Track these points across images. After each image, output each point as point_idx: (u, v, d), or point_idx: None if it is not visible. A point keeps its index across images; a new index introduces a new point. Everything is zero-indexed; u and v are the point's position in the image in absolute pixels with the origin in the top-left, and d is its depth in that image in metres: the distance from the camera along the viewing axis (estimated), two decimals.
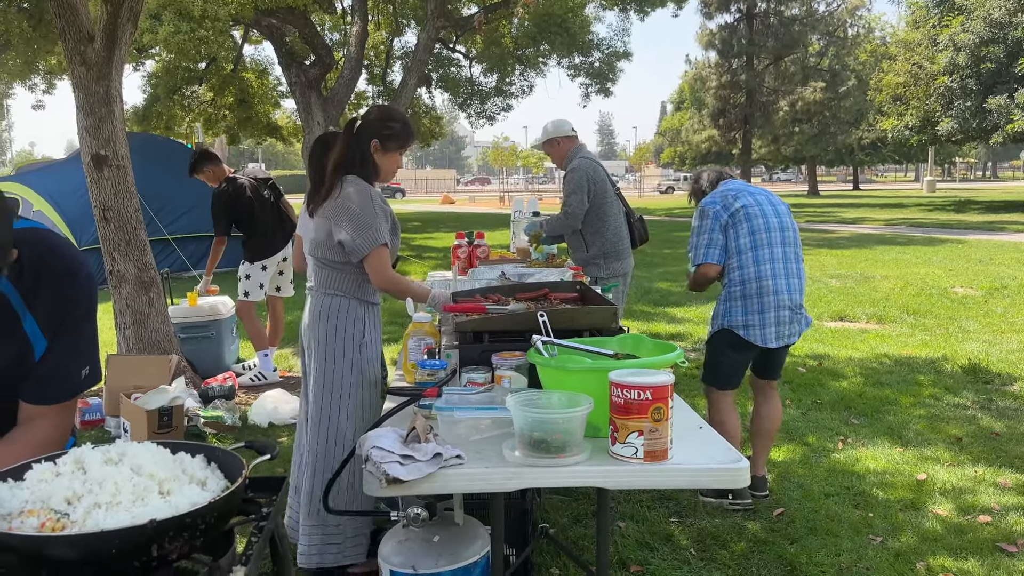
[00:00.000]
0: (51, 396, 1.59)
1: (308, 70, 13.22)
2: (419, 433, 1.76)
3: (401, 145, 2.89)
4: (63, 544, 1.12)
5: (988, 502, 3.63)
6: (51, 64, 16.47)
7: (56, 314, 1.56)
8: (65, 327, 1.58)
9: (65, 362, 1.59)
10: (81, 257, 1.63)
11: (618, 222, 4.63)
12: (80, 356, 1.62)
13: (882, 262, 12.63)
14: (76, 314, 1.59)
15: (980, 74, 23.75)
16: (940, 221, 21.64)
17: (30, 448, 1.52)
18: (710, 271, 3.61)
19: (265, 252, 5.82)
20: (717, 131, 39.86)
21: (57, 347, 1.58)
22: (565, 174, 4.63)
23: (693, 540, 3.31)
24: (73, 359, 1.61)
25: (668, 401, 1.67)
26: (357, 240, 2.71)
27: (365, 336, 2.86)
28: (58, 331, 1.57)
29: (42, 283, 1.55)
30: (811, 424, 4.77)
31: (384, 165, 2.89)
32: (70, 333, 1.59)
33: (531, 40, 19.37)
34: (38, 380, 1.57)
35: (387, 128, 2.86)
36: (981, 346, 6.68)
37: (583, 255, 4.59)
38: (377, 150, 2.86)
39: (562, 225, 4.59)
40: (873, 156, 46.64)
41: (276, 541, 1.46)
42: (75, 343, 1.61)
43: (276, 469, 4.03)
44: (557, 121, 4.78)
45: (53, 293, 1.56)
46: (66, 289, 1.57)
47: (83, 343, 1.63)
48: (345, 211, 2.73)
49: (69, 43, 4.98)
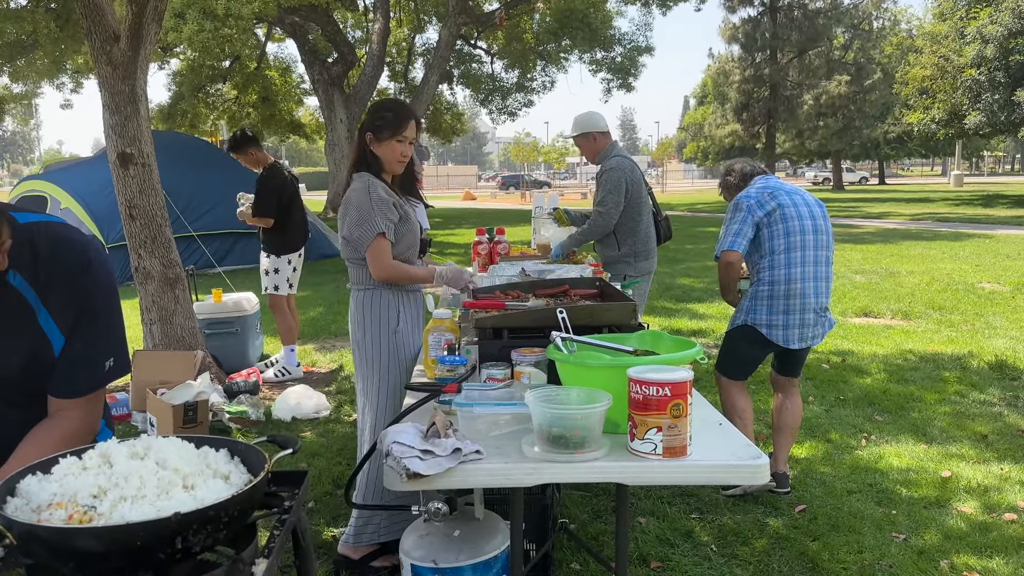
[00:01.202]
0: (75, 389, 1.61)
1: (331, 67, 13.30)
2: (439, 428, 1.78)
3: (393, 132, 2.90)
4: (90, 536, 1.14)
5: (1014, 500, 3.58)
6: (78, 63, 16.72)
7: (71, 308, 1.55)
8: (83, 321, 1.57)
9: (87, 355, 1.60)
10: (95, 249, 1.62)
11: (649, 221, 4.57)
12: (102, 349, 1.62)
13: (907, 257, 12.48)
14: (93, 307, 1.58)
15: (1008, 67, 23.34)
16: (967, 216, 21.33)
17: (59, 440, 1.55)
18: (731, 256, 3.61)
19: (293, 246, 5.92)
20: (740, 126, 39.52)
21: (77, 341, 1.58)
22: (601, 172, 4.49)
23: (714, 536, 3.30)
24: (95, 352, 1.61)
25: (687, 397, 1.66)
26: (355, 234, 2.84)
27: (400, 324, 2.94)
28: (76, 325, 1.56)
29: (55, 278, 1.54)
30: (834, 421, 4.74)
31: (383, 154, 2.93)
32: (89, 326, 1.58)
33: (552, 35, 19.34)
34: (62, 374, 1.59)
35: (378, 119, 2.93)
36: (1008, 342, 6.58)
37: (614, 253, 4.51)
38: (372, 142, 2.93)
39: (597, 228, 4.46)
40: (899, 150, 46.03)
41: (298, 534, 1.47)
42: (96, 336, 1.60)
43: (299, 463, 4.08)
44: (592, 114, 4.62)
45: (67, 288, 1.55)
46: (80, 283, 1.56)
47: (104, 336, 1.62)
48: (345, 209, 2.89)
49: (95, 43, 5.05)
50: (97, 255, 1.60)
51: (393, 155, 2.94)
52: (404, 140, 2.93)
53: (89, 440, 1.64)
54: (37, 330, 1.55)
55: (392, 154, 2.94)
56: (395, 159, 2.95)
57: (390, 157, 2.94)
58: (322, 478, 3.97)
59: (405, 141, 2.93)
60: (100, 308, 1.60)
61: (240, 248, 11.70)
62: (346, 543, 3.00)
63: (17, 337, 1.54)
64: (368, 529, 2.98)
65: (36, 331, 1.55)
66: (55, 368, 1.58)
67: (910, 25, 40.08)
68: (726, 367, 3.75)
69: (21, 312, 1.53)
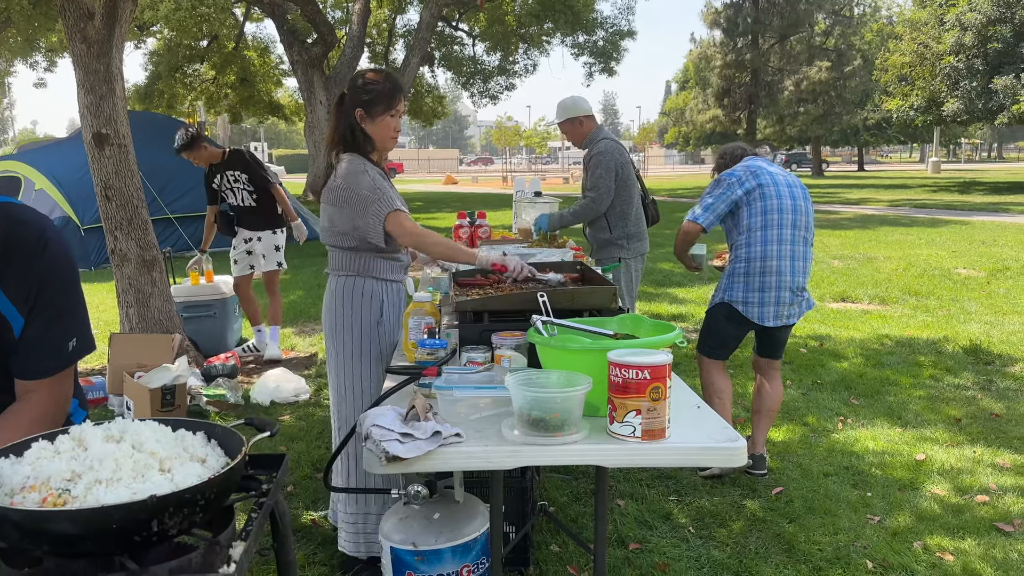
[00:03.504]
0: (40, 370, 1.59)
1: (310, 48, 13.15)
2: (419, 412, 1.77)
3: (388, 106, 2.72)
4: (64, 519, 1.13)
5: (986, 482, 3.64)
6: (52, 42, 16.42)
7: (28, 290, 1.53)
8: (41, 302, 1.54)
9: (48, 336, 1.57)
10: (52, 229, 1.58)
11: (639, 203, 4.54)
12: (64, 328, 1.59)
13: (885, 243, 12.60)
14: (51, 288, 1.55)
15: (986, 54, 23.55)
16: (944, 202, 21.55)
17: (28, 422, 1.54)
18: (691, 228, 3.67)
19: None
20: (722, 111, 39.60)
21: (37, 322, 1.55)
22: (590, 156, 4.43)
23: (692, 518, 3.33)
24: (56, 332, 1.58)
25: (666, 381, 1.67)
26: (368, 220, 2.65)
27: (383, 315, 2.80)
28: (34, 306, 1.54)
29: (11, 258, 1.51)
30: (811, 404, 4.79)
31: (375, 133, 2.75)
32: (48, 307, 1.56)
33: (534, 18, 19.23)
34: (25, 355, 1.57)
35: (367, 92, 2.70)
36: (983, 327, 6.68)
37: (606, 236, 4.47)
38: (364, 119, 2.73)
39: (588, 211, 4.42)
40: (878, 137, 46.37)
41: (276, 517, 1.47)
42: (56, 315, 1.57)
43: (278, 447, 4.07)
44: (576, 99, 4.57)
45: (23, 268, 1.52)
46: (37, 263, 1.53)
47: (65, 315, 1.60)
48: (344, 195, 2.67)
49: (69, 20, 4.96)
50: (54, 235, 1.56)
51: (387, 132, 2.77)
52: (397, 115, 2.76)
53: (60, 421, 1.63)
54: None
55: (386, 131, 2.76)
56: (388, 136, 2.78)
57: (383, 135, 2.76)
58: (301, 461, 3.96)
59: (398, 116, 2.77)
60: (59, 288, 1.57)
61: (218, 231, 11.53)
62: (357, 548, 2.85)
63: None
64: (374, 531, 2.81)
65: None
66: (19, 350, 1.57)
67: (890, 12, 40.31)
68: (706, 346, 3.78)
69: None
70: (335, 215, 2.73)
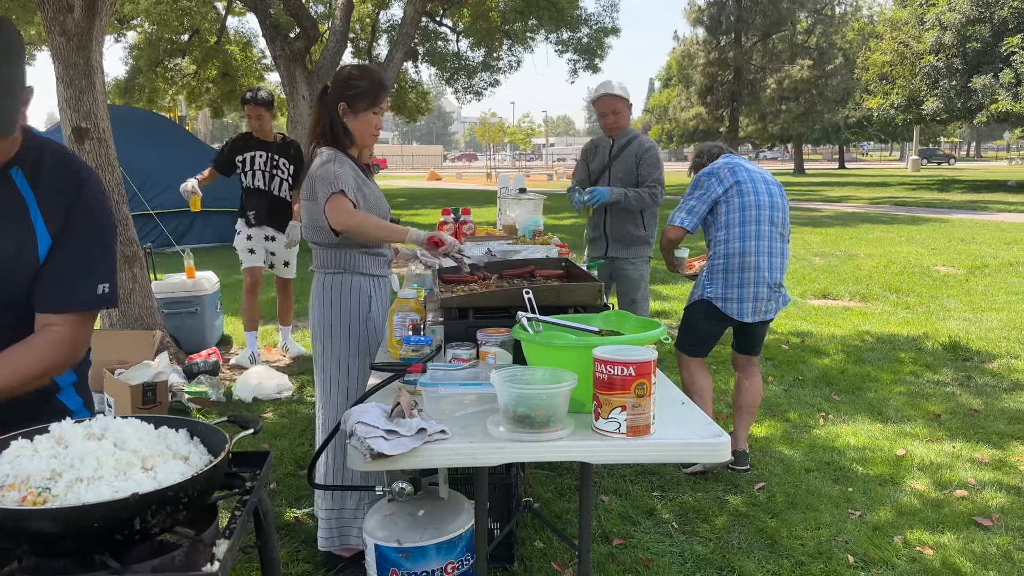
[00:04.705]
0: (67, 301, 1.57)
1: (293, 43, 13.03)
2: (403, 408, 1.77)
3: (371, 103, 2.71)
4: (45, 517, 1.12)
5: (965, 477, 3.68)
6: (31, 34, 16.21)
7: (58, 210, 1.56)
8: (70, 228, 1.57)
9: (80, 268, 1.58)
10: (96, 179, 1.64)
11: None
12: (93, 268, 1.60)
13: (866, 240, 12.71)
14: (82, 221, 1.59)
15: (965, 53, 23.79)
16: (924, 200, 21.76)
17: (46, 347, 1.52)
18: (674, 233, 3.69)
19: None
20: (704, 108, 39.80)
21: (65, 250, 1.57)
22: (645, 149, 4.33)
23: (675, 514, 3.35)
24: (86, 268, 1.59)
25: (651, 377, 1.68)
26: (317, 205, 2.62)
27: (372, 310, 2.79)
28: (63, 230, 1.56)
29: (52, 182, 1.57)
30: (793, 400, 4.82)
31: (356, 128, 2.73)
32: (77, 238, 1.58)
33: (519, 14, 19.20)
34: (52, 284, 1.56)
35: (352, 87, 2.69)
36: (962, 324, 6.75)
37: (640, 233, 4.44)
38: (346, 113, 2.71)
39: (648, 203, 4.35)
40: (859, 135, 46.77)
41: (260, 515, 1.46)
42: (86, 252, 1.60)
43: (261, 444, 4.04)
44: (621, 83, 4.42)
45: (57, 191, 1.57)
46: (71, 193, 1.58)
47: (96, 257, 1.62)
48: (308, 182, 2.68)
49: (48, 12, 4.89)
50: (96, 182, 1.63)
51: (368, 129, 2.75)
52: (380, 112, 2.75)
53: (71, 363, 1.60)
54: (27, 225, 1.55)
55: (367, 128, 2.75)
56: (369, 133, 2.77)
57: (364, 131, 2.75)
58: (284, 459, 3.94)
59: (380, 113, 2.76)
60: (91, 225, 1.60)
61: (199, 226, 11.48)
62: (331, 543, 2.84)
63: (7, 228, 1.54)
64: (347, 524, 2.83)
65: (26, 226, 1.55)
66: (46, 278, 1.56)
67: (871, 11, 40.59)
68: (685, 343, 3.79)
69: (15, 205, 1.55)
70: (312, 210, 2.70)
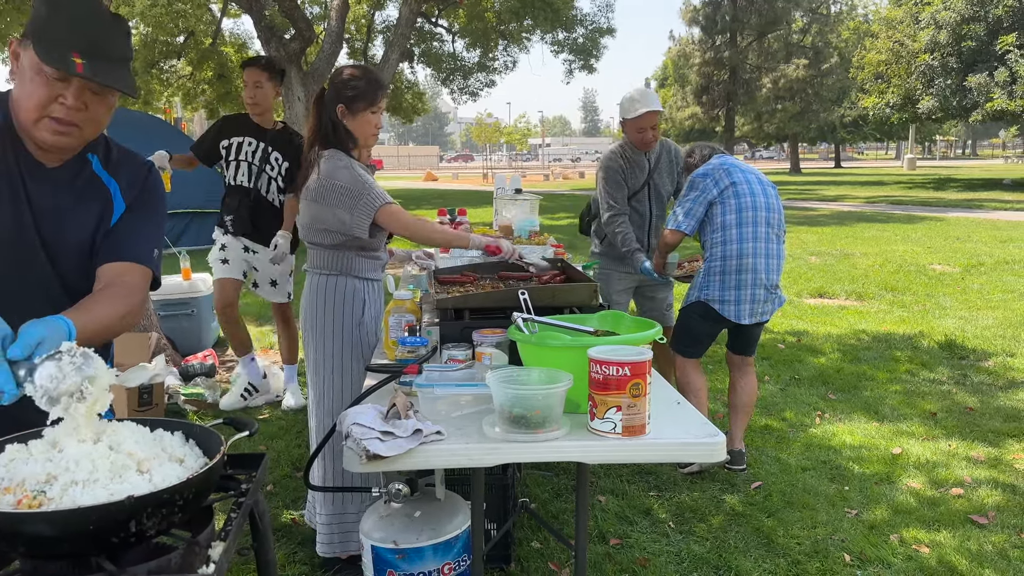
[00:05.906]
0: (135, 252, 1.68)
1: (288, 44, 13.02)
2: (399, 410, 1.77)
3: (370, 103, 2.71)
4: (40, 520, 1.11)
5: (961, 475, 3.69)
6: None
7: (132, 184, 1.73)
8: (142, 199, 1.73)
9: (145, 230, 1.73)
10: (155, 168, 1.82)
11: None
12: (153, 234, 1.75)
13: (862, 239, 12.73)
14: (150, 196, 1.76)
15: (961, 52, 23.83)
16: (920, 199, 21.81)
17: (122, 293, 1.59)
18: (673, 237, 3.69)
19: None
20: (700, 108, 39.79)
21: (139, 213, 1.72)
22: (676, 151, 4.20)
23: (672, 514, 3.35)
24: (148, 230, 1.74)
25: (646, 377, 1.68)
26: (357, 214, 2.60)
27: (365, 315, 2.79)
28: (136, 199, 1.72)
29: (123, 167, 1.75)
30: (789, 399, 4.83)
31: (357, 129, 2.73)
32: (146, 208, 1.74)
33: (514, 15, 19.18)
34: (123, 237, 1.68)
35: (350, 88, 2.70)
36: (957, 322, 6.77)
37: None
38: (345, 115, 2.71)
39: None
40: (855, 134, 46.83)
41: (256, 517, 1.46)
42: (155, 223, 1.76)
43: (257, 446, 4.04)
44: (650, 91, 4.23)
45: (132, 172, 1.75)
46: (144, 177, 1.76)
47: (157, 228, 1.78)
48: (328, 191, 2.62)
49: None
50: (156, 170, 1.82)
51: (368, 128, 2.76)
52: (378, 111, 2.76)
53: (141, 315, 1.73)
54: (107, 195, 1.69)
55: (368, 128, 2.75)
56: (370, 132, 2.77)
57: (365, 131, 2.74)
58: (280, 460, 3.94)
59: (379, 112, 2.77)
60: (157, 201, 1.79)
61: (195, 228, 11.45)
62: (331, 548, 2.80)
63: (91, 202, 1.68)
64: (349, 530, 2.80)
65: (106, 196, 1.69)
66: (117, 235, 1.68)
67: (867, 10, 40.68)
68: (680, 345, 3.79)
69: (96, 186, 1.69)
70: (319, 212, 2.68)
